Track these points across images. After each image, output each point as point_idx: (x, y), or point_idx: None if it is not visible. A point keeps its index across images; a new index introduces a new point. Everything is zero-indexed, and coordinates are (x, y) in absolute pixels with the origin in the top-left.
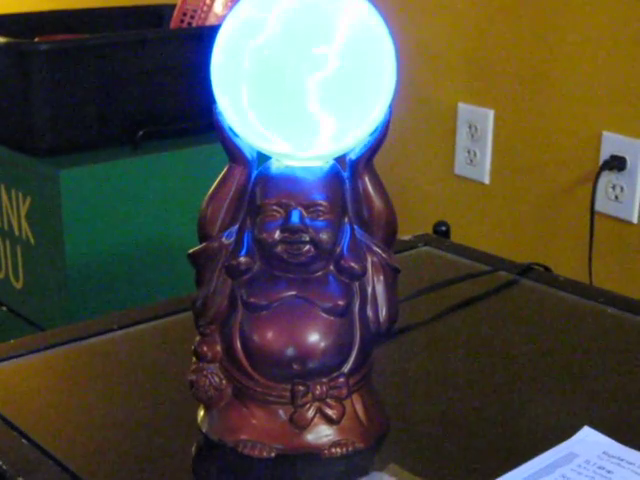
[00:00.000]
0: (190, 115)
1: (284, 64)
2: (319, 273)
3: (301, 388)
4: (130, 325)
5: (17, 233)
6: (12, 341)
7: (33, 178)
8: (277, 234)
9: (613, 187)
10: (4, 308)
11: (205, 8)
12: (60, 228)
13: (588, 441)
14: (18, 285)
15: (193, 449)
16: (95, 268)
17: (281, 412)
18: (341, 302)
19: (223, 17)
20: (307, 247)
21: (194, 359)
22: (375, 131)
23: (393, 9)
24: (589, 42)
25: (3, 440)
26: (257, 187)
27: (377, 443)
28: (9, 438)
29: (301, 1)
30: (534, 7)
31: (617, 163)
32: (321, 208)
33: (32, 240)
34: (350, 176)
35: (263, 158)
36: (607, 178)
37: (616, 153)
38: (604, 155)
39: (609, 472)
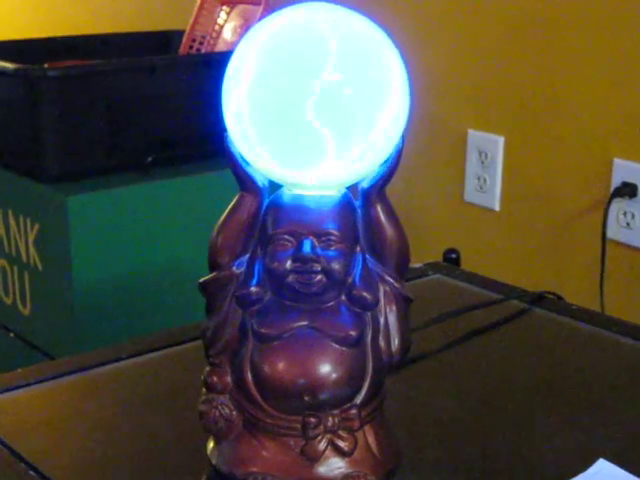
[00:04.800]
0: (199, 141)
1: (291, 92)
2: (331, 303)
3: (312, 420)
4: (138, 354)
5: (25, 259)
6: (19, 370)
7: (41, 204)
8: (288, 264)
9: (625, 214)
10: (11, 334)
11: (214, 34)
12: (68, 254)
13: (603, 474)
14: (25, 311)
15: None
16: (103, 295)
17: (292, 444)
18: (353, 332)
19: (232, 43)
20: (319, 277)
21: (204, 390)
22: (387, 160)
23: (404, 37)
24: (600, 69)
25: (10, 472)
26: (268, 216)
27: (389, 475)
28: (17, 470)
29: (312, 30)
30: (544, 34)
31: (628, 190)
32: (333, 237)
33: (40, 266)
34: (362, 205)
35: (274, 187)
36: (618, 205)
37: (627, 180)
38: (615, 182)
39: None
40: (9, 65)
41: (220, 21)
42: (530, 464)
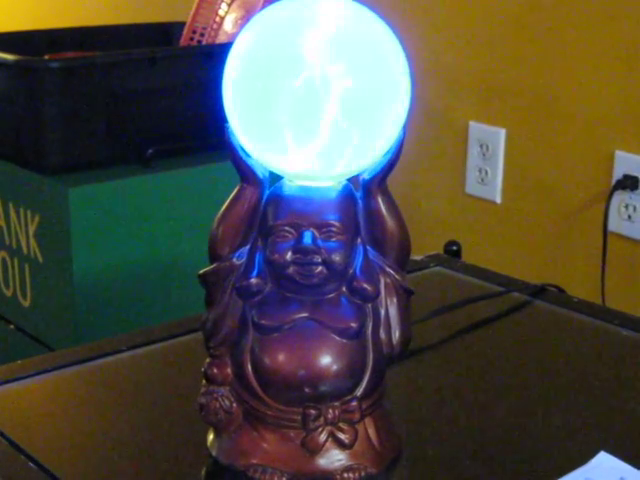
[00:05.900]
0: (200, 133)
1: (295, 83)
2: (331, 295)
3: (313, 412)
4: (139, 346)
5: (25, 251)
6: (20, 361)
7: (42, 196)
8: (289, 255)
9: (626, 206)
10: (12, 326)
11: (215, 26)
12: (68, 246)
13: (605, 467)
14: (26, 303)
15: (203, 473)
16: (103, 287)
17: (292, 436)
18: (354, 324)
19: (233, 35)
20: (319, 268)
21: (204, 382)
22: (389, 151)
23: (406, 28)
24: (602, 61)
25: (10, 464)
26: (269, 207)
27: (389, 468)
28: (17, 462)
29: (316, 20)
30: (546, 26)
31: (630, 182)
32: (334, 229)
33: (40, 258)
34: (363, 196)
35: (275, 178)
36: (620, 197)
37: (629, 172)
38: (617, 174)
39: None
40: (10, 57)
41: (221, 12)
42: (531, 456)
